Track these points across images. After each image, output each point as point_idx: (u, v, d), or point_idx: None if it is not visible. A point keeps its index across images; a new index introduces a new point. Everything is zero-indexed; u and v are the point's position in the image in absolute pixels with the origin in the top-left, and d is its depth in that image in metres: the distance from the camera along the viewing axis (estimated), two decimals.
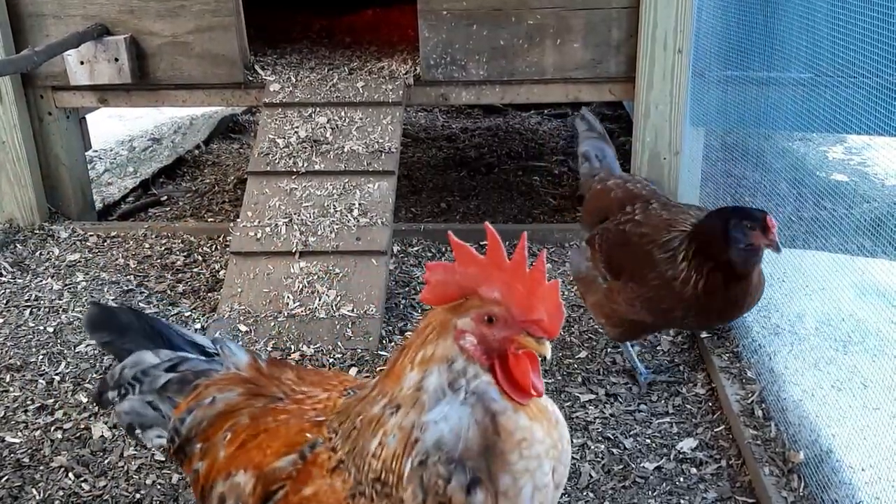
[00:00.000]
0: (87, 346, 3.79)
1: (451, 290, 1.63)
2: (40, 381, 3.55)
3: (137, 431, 2.06)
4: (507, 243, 5.06)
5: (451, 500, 1.58)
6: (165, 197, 6.03)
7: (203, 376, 1.98)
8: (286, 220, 4.13)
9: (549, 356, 1.60)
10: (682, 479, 2.88)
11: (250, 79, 4.84)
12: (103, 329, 2.11)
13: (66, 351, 3.76)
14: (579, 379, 3.48)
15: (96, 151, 6.66)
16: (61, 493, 2.90)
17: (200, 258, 4.66)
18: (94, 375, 3.56)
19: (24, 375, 3.59)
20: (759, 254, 2.98)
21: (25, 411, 3.35)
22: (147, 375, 2.00)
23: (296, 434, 1.78)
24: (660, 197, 3.50)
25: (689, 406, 3.29)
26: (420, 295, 1.67)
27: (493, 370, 1.62)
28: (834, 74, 3.23)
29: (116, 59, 4.62)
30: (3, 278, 4.45)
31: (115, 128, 7.36)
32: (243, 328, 3.79)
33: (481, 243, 4.70)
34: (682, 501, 2.78)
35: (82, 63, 4.63)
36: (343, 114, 4.60)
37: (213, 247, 4.78)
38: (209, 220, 5.51)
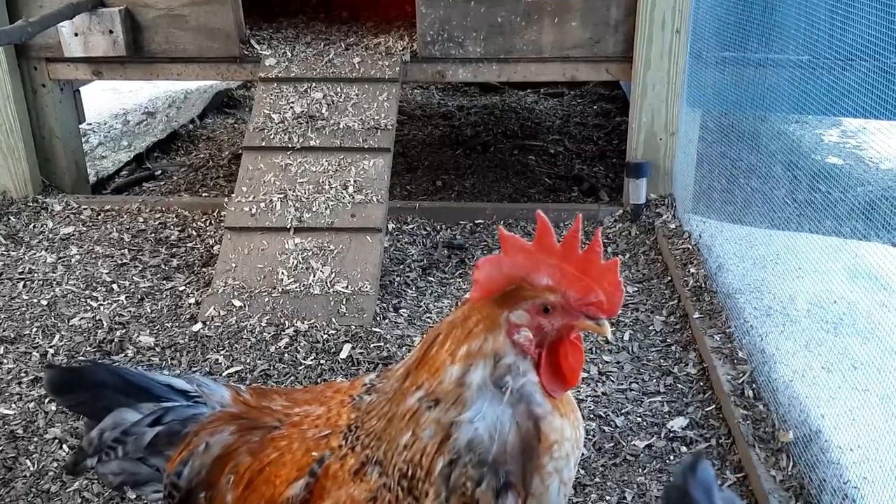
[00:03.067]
0: (82, 319, 3.80)
1: (497, 281, 1.55)
2: (34, 353, 3.55)
3: (127, 489, 1.91)
4: (503, 221, 5.03)
5: (479, 502, 1.53)
6: (160, 171, 6.01)
7: (191, 422, 1.83)
8: (281, 195, 4.13)
9: (610, 337, 1.54)
10: (672, 458, 2.91)
11: (246, 53, 4.81)
12: (70, 391, 1.89)
13: (59, 324, 3.76)
14: None
15: (90, 124, 6.62)
16: (55, 464, 2.91)
17: (195, 233, 4.65)
18: (88, 348, 3.57)
19: (17, 348, 3.59)
20: None
21: (19, 383, 3.35)
22: (130, 434, 1.83)
23: (302, 456, 1.70)
24: None
25: (680, 385, 3.31)
26: (469, 295, 1.58)
27: (537, 363, 1.55)
28: (831, 57, 3.23)
29: (111, 32, 4.59)
30: None
31: (109, 101, 7.31)
32: (237, 303, 3.79)
33: (476, 222, 4.74)
34: (671, 479, 2.81)
35: (77, 35, 4.60)
36: (339, 90, 4.58)
37: (208, 222, 4.77)
38: (203, 194, 5.50)
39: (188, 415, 1.85)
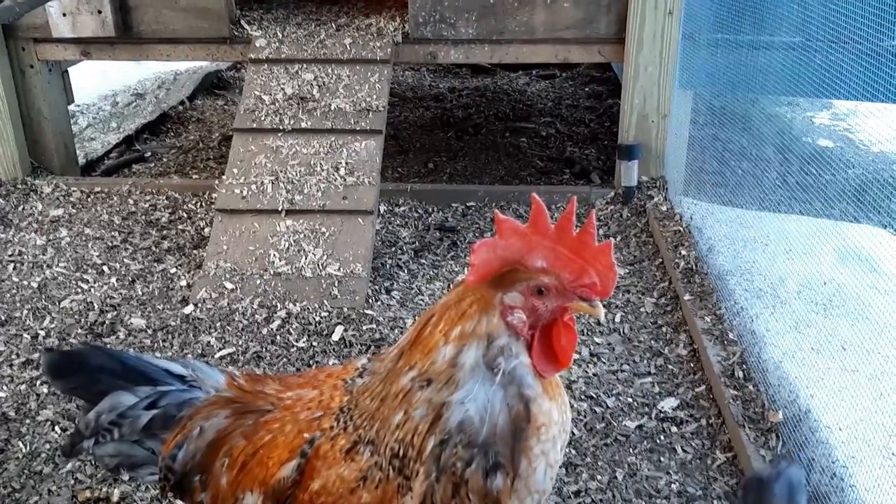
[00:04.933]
0: (72, 301, 3.79)
1: (493, 264, 1.55)
2: (25, 335, 3.54)
3: (123, 471, 1.92)
4: (494, 203, 5.02)
5: (469, 482, 1.54)
6: (149, 153, 5.97)
7: (186, 406, 1.85)
8: (272, 177, 4.11)
9: (603, 318, 1.55)
10: (662, 438, 2.94)
11: (236, 34, 4.77)
12: (68, 374, 1.90)
13: (50, 306, 3.75)
14: None
15: (79, 106, 6.57)
16: (48, 445, 2.91)
17: (185, 215, 4.63)
18: (80, 331, 3.56)
19: (8, 330, 3.58)
20: None
21: (10, 365, 3.34)
22: (126, 417, 1.84)
23: (294, 438, 1.72)
24: None
25: (671, 367, 3.33)
26: (465, 279, 1.59)
27: (530, 344, 1.57)
28: (823, 39, 3.23)
29: (100, 12, 4.54)
30: None
31: (97, 82, 7.24)
32: (229, 286, 3.79)
33: (468, 204, 4.74)
34: (662, 459, 2.83)
35: (65, 15, 4.55)
36: (330, 71, 4.55)
37: (199, 204, 4.75)
38: (194, 176, 5.47)
39: (183, 399, 1.86)
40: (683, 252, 4.01)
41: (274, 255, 3.88)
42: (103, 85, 7.23)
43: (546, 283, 1.54)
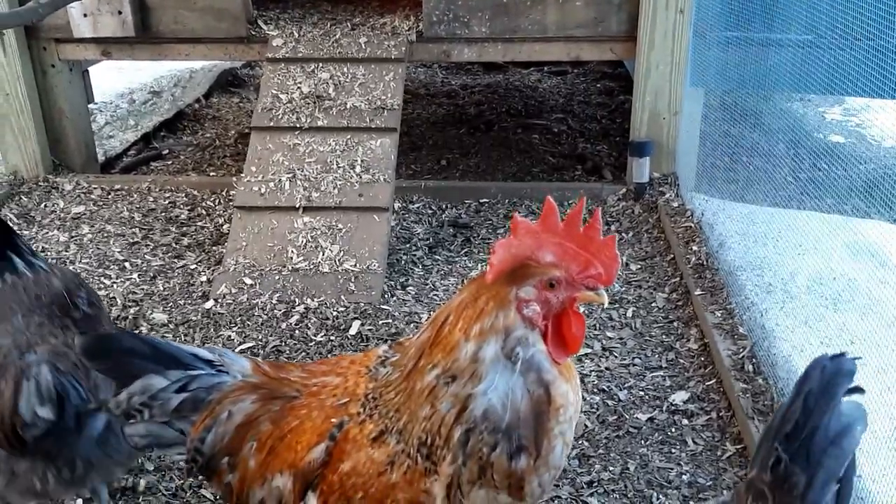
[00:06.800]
0: None
1: (508, 262, 1.67)
2: None
3: (154, 451, 1.99)
4: (507, 201, 5.05)
5: (494, 464, 1.65)
6: (167, 150, 6.06)
7: (215, 391, 1.92)
8: (289, 175, 4.19)
9: (606, 303, 1.70)
10: (673, 430, 3.00)
11: (253, 33, 4.85)
12: (103, 357, 1.99)
13: None
14: None
15: (96, 104, 6.66)
16: None
17: (204, 212, 4.72)
18: None
19: None
20: None
21: None
22: (157, 399, 1.91)
23: (322, 423, 1.79)
24: None
25: (682, 361, 3.39)
26: (484, 276, 1.70)
27: (544, 332, 1.67)
28: (833, 36, 3.27)
29: (120, 12, 4.63)
30: None
31: (114, 80, 7.34)
32: (248, 281, 3.87)
33: (481, 200, 4.80)
34: (672, 450, 2.89)
35: (86, 15, 4.64)
36: (345, 70, 4.62)
37: (217, 201, 4.83)
38: (211, 174, 5.56)
39: (212, 383, 1.93)
40: (695, 248, 4.06)
41: (292, 251, 3.96)
42: (120, 83, 7.33)
43: (557, 277, 1.65)
